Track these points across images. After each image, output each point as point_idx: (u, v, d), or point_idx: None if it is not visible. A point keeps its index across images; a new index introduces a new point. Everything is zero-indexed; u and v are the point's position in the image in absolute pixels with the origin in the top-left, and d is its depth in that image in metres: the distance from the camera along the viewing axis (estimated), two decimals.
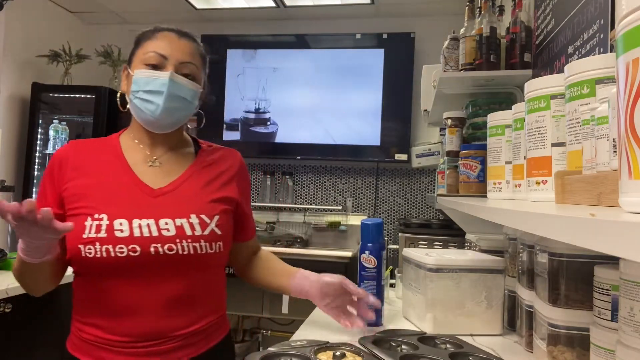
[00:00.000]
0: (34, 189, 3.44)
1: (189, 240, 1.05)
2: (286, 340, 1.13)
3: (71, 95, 3.58)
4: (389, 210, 3.68)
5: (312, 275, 1.26)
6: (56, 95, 3.56)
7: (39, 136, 3.50)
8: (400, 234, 2.83)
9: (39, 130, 3.51)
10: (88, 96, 3.48)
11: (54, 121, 3.52)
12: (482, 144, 1.45)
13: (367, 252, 1.38)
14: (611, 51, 1.04)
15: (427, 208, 3.63)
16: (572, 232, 0.41)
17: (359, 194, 3.73)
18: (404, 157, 3.49)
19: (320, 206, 3.75)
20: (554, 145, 0.84)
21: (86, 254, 1.02)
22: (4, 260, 2.17)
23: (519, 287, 1.21)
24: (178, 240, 1.05)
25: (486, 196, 1.28)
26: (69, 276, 1.12)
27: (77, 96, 3.55)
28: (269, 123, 3.74)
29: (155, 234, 1.04)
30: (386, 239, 2.35)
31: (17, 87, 3.50)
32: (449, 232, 2.70)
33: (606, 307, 0.77)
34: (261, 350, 1.07)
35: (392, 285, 1.77)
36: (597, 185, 0.58)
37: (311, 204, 3.77)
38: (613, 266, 0.78)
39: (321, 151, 3.65)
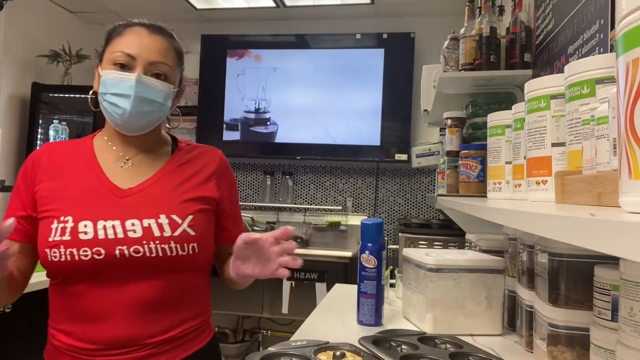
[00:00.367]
0: None
1: (157, 242, 1.00)
2: (286, 340, 1.13)
3: (71, 95, 3.58)
4: (389, 210, 3.68)
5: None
6: (56, 95, 3.56)
7: (39, 136, 3.50)
8: (400, 234, 2.84)
9: (39, 130, 3.51)
10: (88, 96, 3.48)
11: (54, 121, 3.52)
12: (482, 144, 1.45)
13: (367, 252, 1.38)
14: (611, 51, 1.04)
15: (427, 208, 3.63)
16: (572, 232, 0.41)
17: (359, 194, 3.73)
18: (404, 157, 3.49)
19: (320, 206, 3.75)
20: (554, 145, 0.84)
21: (52, 257, 0.99)
22: None
23: (519, 287, 1.21)
24: (145, 241, 1.00)
25: (486, 196, 1.28)
26: None
27: (77, 96, 3.55)
28: (269, 123, 3.74)
29: (120, 235, 0.99)
30: (386, 239, 2.35)
31: (17, 87, 3.50)
32: (449, 232, 2.70)
33: (606, 307, 0.77)
34: (261, 350, 1.07)
35: (392, 285, 1.77)
36: (597, 185, 0.58)
37: (311, 204, 3.77)
38: (613, 266, 0.78)
39: (321, 151, 3.65)
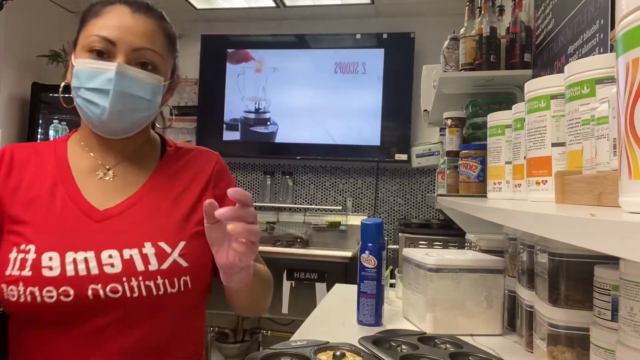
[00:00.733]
0: None
1: (140, 278, 0.80)
2: (286, 340, 1.13)
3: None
4: (389, 210, 3.68)
5: None
6: (56, 95, 3.55)
7: (39, 136, 3.50)
8: (400, 234, 2.84)
9: (39, 130, 3.50)
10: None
11: (54, 121, 3.51)
12: (482, 144, 1.44)
13: (367, 252, 1.38)
14: (611, 51, 1.04)
15: (427, 208, 3.63)
16: (572, 232, 0.41)
17: (359, 194, 3.73)
18: (404, 157, 3.49)
19: (320, 206, 3.75)
20: (554, 145, 0.84)
21: (8, 296, 0.79)
22: None
23: (519, 287, 1.21)
24: (125, 278, 0.80)
25: (486, 196, 1.28)
26: None
27: None
28: (269, 123, 3.74)
29: (95, 271, 0.80)
30: (386, 239, 2.35)
31: (17, 87, 3.50)
32: (449, 232, 2.70)
33: (606, 307, 0.77)
34: (261, 350, 1.07)
35: (392, 285, 1.77)
36: (597, 185, 0.58)
37: (311, 204, 3.77)
38: (613, 266, 0.77)
39: (321, 151, 3.65)
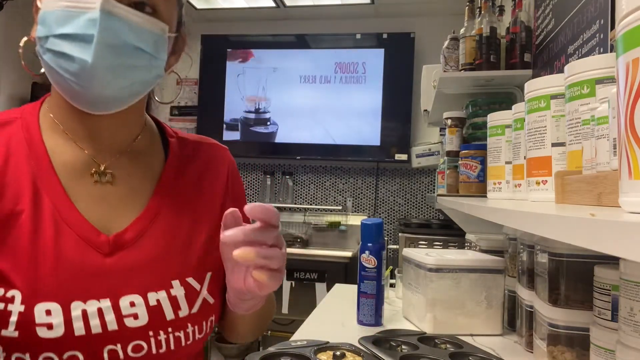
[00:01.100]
0: None
1: (170, 330, 0.62)
2: (286, 340, 1.13)
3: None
4: (389, 210, 3.68)
5: None
6: None
7: None
8: (400, 234, 2.84)
9: None
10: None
11: None
12: (482, 144, 1.44)
13: (367, 252, 1.38)
14: (611, 51, 1.04)
15: (427, 208, 3.63)
16: (572, 232, 0.41)
17: (359, 194, 3.73)
18: (404, 157, 3.49)
19: (320, 206, 3.75)
20: (554, 145, 0.84)
21: None
22: None
23: (519, 287, 1.21)
24: (152, 332, 0.61)
25: (486, 196, 1.28)
26: None
27: None
28: (269, 123, 3.74)
29: (112, 326, 0.59)
30: (386, 239, 2.35)
31: (17, 87, 3.50)
32: (449, 232, 2.70)
33: (606, 307, 0.77)
34: (261, 350, 1.07)
35: (392, 285, 1.77)
36: (597, 185, 0.58)
37: (311, 204, 3.77)
38: (613, 266, 0.77)
39: (321, 151, 3.65)
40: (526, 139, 0.90)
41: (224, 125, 3.78)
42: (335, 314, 1.52)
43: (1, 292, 0.57)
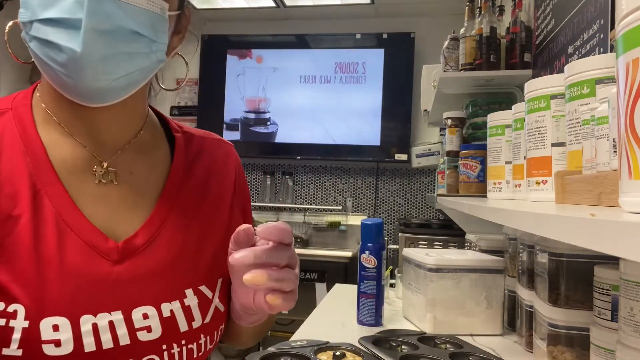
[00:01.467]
0: None
1: (183, 342, 0.59)
2: (286, 340, 1.13)
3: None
4: (389, 210, 3.68)
5: None
6: None
7: None
8: (400, 234, 2.84)
9: None
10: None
11: None
12: (482, 144, 1.45)
13: (367, 252, 1.38)
14: (611, 51, 1.04)
15: (427, 208, 3.63)
16: (572, 232, 0.41)
17: (359, 194, 3.73)
18: (404, 157, 3.49)
19: (320, 206, 3.75)
20: (554, 145, 0.84)
21: None
22: None
23: (519, 287, 1.21)
24: (166, 345, 0.57)
25: (486, 196, 1.28)
26: None
27: None
28: (269, 123, 3.74)
29: (124, 340, 0.55)
30: (386, 239, 2.35)
31: (17, 87, 3.49)
32: (449, 232, 2.70)
33: (606, 307, 0.77)
34: (261, 350, 1.07)
35: (392, 285, 1.77)
36: (597, 185, 0.58)
37: (311, 204, 3.77)
38: (613, 266, 0.77)
39: (321, 151, 3.65)
40: (526, 139, 0.90)
41: (224, 125, 3.78)
42: (335, 314, 1.52)
43: (1, 307, 0.51)
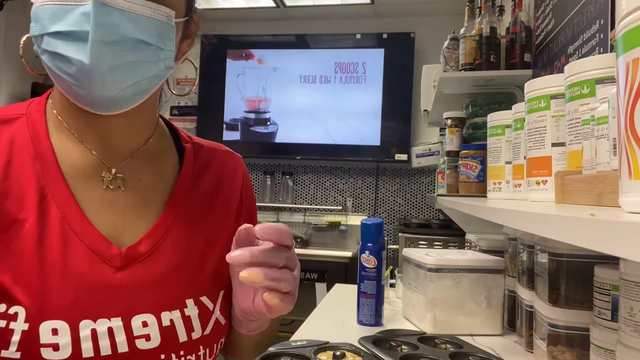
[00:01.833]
0: None
1: (182, 353, 0.59)
2: (286, 340, 1.13)
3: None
4: (389, 210, 3.68)
5: None
6: None
7: None
8: (400, 234, 2.84)
9: None
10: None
11: None
12: (482, 144, 1.45)
13: (367, 252, 1.38)
14: (611, 51, 1.04)
15: (427, 208, 3.63)
16: (572, 232, 0.41)
17: (359, 194, 3.73)
18: (404, 157, 3.49)
19: (320, 206, 3.75)
20: (554, 145, 0.84)
21: None
22: None
23: (519, 287, 1.21)
24: (164, 355, 0.58)
25: (486, 196, 1.28)
26: None
27: None
28: (269, 123, 3.74)
29: (123, 348, 0.55)
30: (386, 239, 2.35)
31: (17, 87, 3.50)
32: (449, 232, 2.70)
33: (606, 307, 0.77)
34: None
35: (392, 285, 1.77)
36: (597, 185, 0.58)
37: (311, 204, 3.77)
38: (613, 266, 0.78)
39: (321, 151, 3.65)
40: (526, 139, 0.90)
41: (224, 125, 3.78)
42: (335, 314, 1.52)
43: (2, 309, 0.52)
